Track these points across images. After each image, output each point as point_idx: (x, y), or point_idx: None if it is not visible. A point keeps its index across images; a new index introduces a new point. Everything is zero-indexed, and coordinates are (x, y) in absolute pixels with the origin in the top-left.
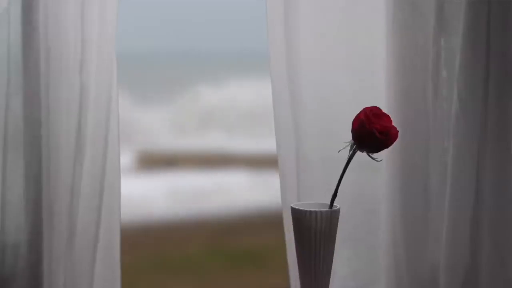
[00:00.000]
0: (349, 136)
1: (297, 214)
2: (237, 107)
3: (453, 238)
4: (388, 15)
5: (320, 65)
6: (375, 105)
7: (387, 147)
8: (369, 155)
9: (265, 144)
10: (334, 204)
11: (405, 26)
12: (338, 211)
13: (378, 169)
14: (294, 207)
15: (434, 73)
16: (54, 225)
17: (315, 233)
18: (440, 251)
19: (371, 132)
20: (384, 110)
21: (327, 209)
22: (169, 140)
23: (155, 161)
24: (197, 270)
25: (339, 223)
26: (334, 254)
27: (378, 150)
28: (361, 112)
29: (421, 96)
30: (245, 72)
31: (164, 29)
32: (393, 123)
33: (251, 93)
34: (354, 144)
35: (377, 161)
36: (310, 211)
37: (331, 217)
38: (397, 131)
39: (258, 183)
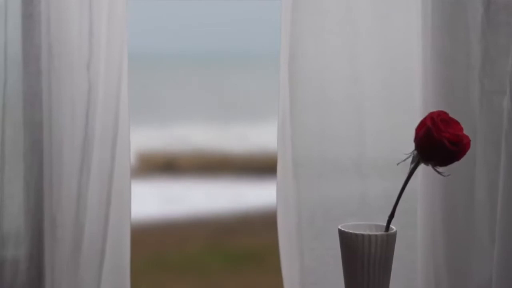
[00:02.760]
0: (379, 138)
1: (346, 238)
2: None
3: (505, 254)
4: (425, 9)
5: (349, 63)
6: (409, 105)
7: (458, 160)
8: (435, 170)
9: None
10: (389, 226)
11: (446, 20)
12: (394, 235)
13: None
14: (343, 229)
15: (482, 71)
16: (57, 238)
17: (369, 260)
18: (488, 270)
19: (440, 142)
20: (420, 111)
21: (382, 232)
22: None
23: (154, 163)
24: (196, 270)
25: None
26: None
27: (446, 163)
28: (427, 117)
29: (466, 96)
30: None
31: (165, 30)
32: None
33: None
34: (417, 156)
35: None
36: (363, 235)
37: (387, 241)
38: (469, 140)
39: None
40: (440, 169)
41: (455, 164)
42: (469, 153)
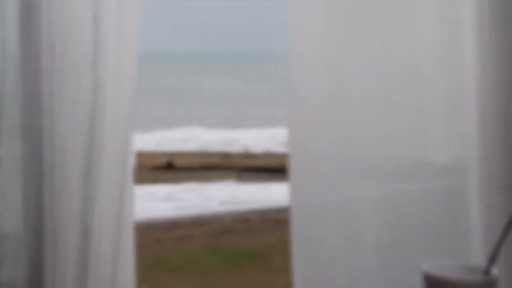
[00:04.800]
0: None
1: (436, 284)
2: None
3: None
4: (480, 3)
5: (408, 60)
6: (465, 101)
7: None
8: None
9: None
10: (491, 269)
11: (504, 14)
12: (496, 281)
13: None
14: (431, 273)
15: None
16: (60, 259)
17: None
18: None
19: None
20: (477, 107)
21: (479, 275)
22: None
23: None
24: (196, 269)
25: None
26: None
27: None
28: None
29: None
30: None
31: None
32: (488, 123)
33: None
34: None
35: None
36: (455, 283)
37: None
38: None
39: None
40: None
41: None
42: None
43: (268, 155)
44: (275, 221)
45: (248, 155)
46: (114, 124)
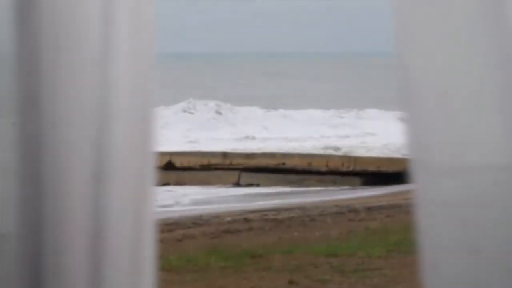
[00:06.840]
0: None
1: None
2: None
3: None
4: None
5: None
6: None
7: None
8: None
9: None
10: None
11: None
12: None
13: None
14: None
15: None
16: (62, 280)
17: None
18: None
19: None
20: None
21: None
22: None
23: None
24: (197, 269)
25: None
26: None
27: None
28: None
29: None
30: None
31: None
32: None
33: None
34: None
35: None
36: None
37: None
38: None
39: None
40: None
41: None
42: None
43: (268, 155)
44: (275, 221)
45: (248, 155)
46: (130, 124)
